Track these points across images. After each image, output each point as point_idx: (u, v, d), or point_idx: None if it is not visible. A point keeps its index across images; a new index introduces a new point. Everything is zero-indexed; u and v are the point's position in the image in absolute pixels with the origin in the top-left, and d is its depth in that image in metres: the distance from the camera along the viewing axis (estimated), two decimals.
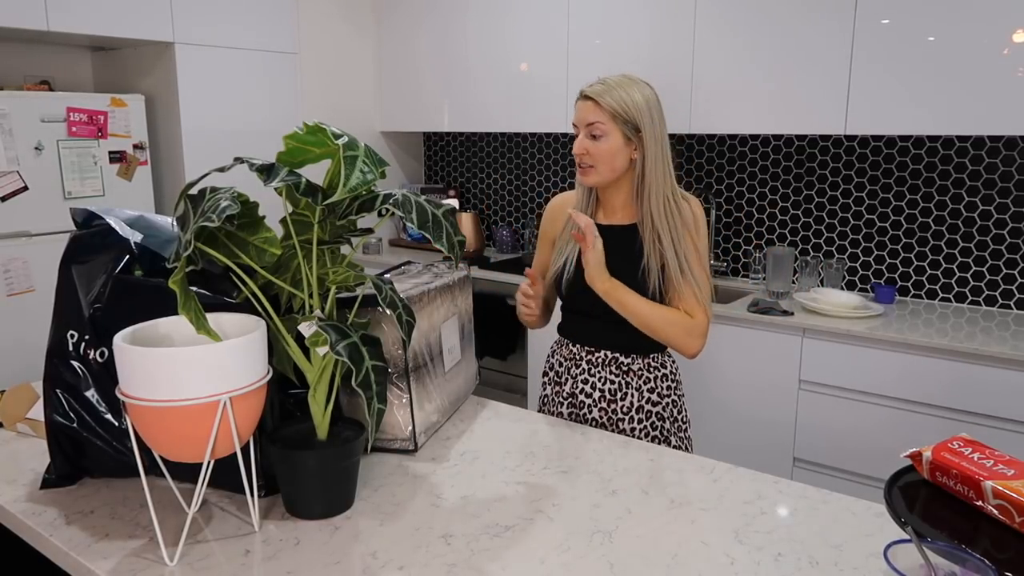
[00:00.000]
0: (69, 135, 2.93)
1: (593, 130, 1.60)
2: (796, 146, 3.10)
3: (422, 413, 1.48)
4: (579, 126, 1.63)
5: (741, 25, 2.84)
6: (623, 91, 1.60)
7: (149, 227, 1.34)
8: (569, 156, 3.81)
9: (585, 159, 1.63)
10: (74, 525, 1.18)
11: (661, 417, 1.72)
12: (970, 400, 2.34)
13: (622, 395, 1.71)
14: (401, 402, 1.44)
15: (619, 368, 1.71)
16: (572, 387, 1.76)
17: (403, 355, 1.43)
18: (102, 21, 2.97)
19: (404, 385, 1.44)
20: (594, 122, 1.60)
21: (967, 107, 2.43)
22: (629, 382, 1.71)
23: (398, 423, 1.45)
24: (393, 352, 1.43)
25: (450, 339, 1.65)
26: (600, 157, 1.61)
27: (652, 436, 1.71)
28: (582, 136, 1.63)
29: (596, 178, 1.65)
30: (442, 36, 3.78)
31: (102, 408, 1.26)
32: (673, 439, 1.73)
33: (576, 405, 1.75)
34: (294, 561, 1.08)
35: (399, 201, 1.16)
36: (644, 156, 1.62)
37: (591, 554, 1.11)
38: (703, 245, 1.67)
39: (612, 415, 1.71)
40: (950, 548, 0.86)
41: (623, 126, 1.60)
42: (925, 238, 2.87)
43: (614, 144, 1.60)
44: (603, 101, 1.59)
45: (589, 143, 1.62)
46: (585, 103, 1.62)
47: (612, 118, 1.59)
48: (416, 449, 1.46)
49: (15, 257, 2.83)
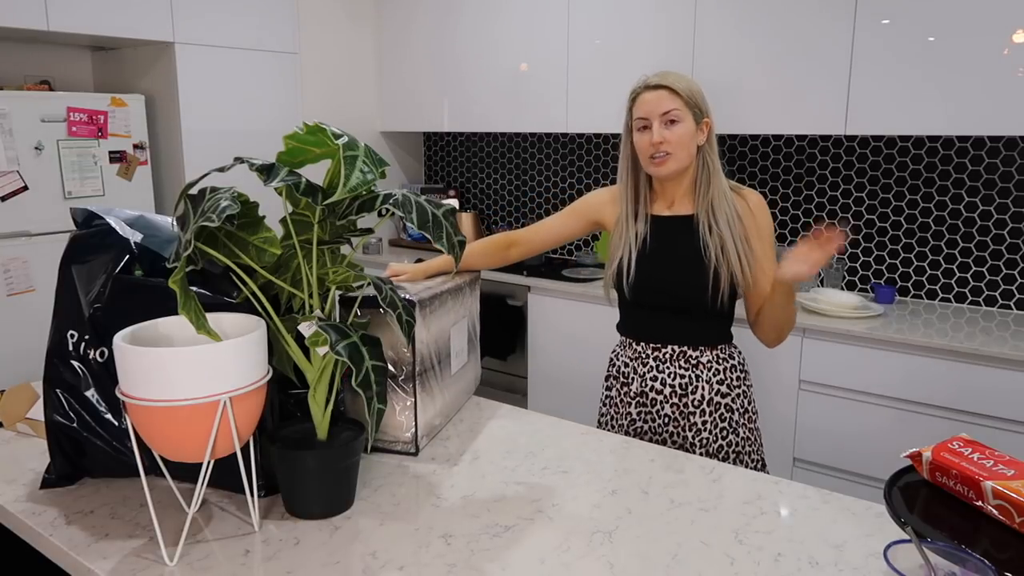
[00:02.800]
0: (69, 135, 2.93)
1: (670, 116, 1.62)
2: (796, 146, 3.10)
3: (425, 417, 1.48)
4: (650, 118, 1.64)
5: (741, 25, 2.84)
6: (686, 79, 1.66)
7: (149, 227, 1.34)
8: (569, 156, 3.81)
9: (663, 147, 1.64)
10: (74, 525, 1.18)
11: (730, 409, 1.72)
12: (970, 400, 2.34)
13: (692, 388, 1.71)
14: (405, 405, 1.44)
15: (688, 362, 1.71)
16: (640, 385, 1.76)
17: (411, 358, 1.43)
18: (102, 21, 2.97)
19: (410, 388, 1.44)
20: (671, 109, 1.62)
21: (967, 107, 2.43)
22: (699, 375, 1.71)
23: (400, 425, 1.45)
24: (401, 355, 1.43)
25: (458, 342, 1.64)
26: (678, 143, 1.63)
27: (721, 427, 1.71)
28: (656, 126, 1.63)
29: (675, 165, 1.66)
30: (442, 36, 3.78)
31: (102, 408, 1.26)
32: (742, 430, 1.73)
33: (646, 403, 1.75)
34: (294, 561, 1.08)
35: (399, 201, 1.16)
36: (709, 142, 1.67)
37: (591, 554, 1.11)
38: (767, 231, 1.69)
39: (683, 408, 1.71)
40: (950, 548, 0.86)
41: (694, 110, 1.64)
42: (925, 238, 2.87)
43: (689, 128, 1.64)
44: (677, 87, 1.63)
45: (666, 131, 1.63)
46: (656, 92, 1.64)
47: (686, 103, 1.63)
48: (417, 452, 1.46)
49: (15, 257, 2.83)
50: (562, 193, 3.87)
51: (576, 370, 3.19)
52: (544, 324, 3.27)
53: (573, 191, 3.83)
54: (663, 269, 1.68)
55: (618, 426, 1.81)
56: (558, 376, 3.26)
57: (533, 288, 3.28)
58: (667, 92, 1.63)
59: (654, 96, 1.64)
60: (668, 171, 1.65)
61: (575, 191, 3.82)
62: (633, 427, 1.78)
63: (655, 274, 1.69)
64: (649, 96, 1.64)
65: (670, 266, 1.67)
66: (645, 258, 1.70)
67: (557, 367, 3.26)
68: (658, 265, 1.69)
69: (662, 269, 1.68)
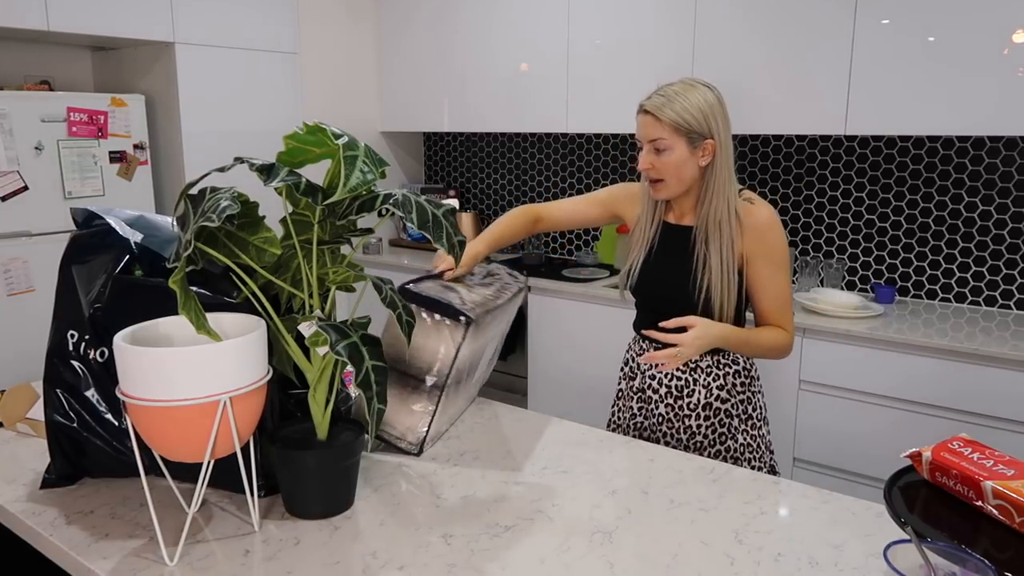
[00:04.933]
0: (69, 135, 2.93)
1: (657, 145, 1.58)
2: (796, 146, 3.10)
3: (439, 422, 1.48)
4: (641, 140, 1.61)
5: (741, 25, 2.84)
6: (683, 100, 1.56)
7: (149, 227, 1.34)
8: (570, 156, 3.81)
9: (652, 173, 1.61)
10: (74, 525, 1.18)
11: (730, 414, 1.70)
12: (970, 400, 2.34)
13: (689, 391, 1.70)
14: (425, 409, 1.43)
15: (687, 364, 1.70)
16: (641, 382, 1.76)
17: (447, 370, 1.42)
18: (102, 21, 2.97)
19: (435, 397, 1.43)
20: (656, 138, 1.57)
21: (967, 107, 2.43)
22: (696, 378, 1.70)
23: (412, 427, 1.44)
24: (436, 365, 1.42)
25: (490, 351, 1.62)
26: (666, 171, 1.59)
27: (720, 433, 1.70)
28: (646, 151, 1.60)
29: (666, 192, 1.63)
30: (442, 36, 3.78)
31: (102, 408, 1.26)
32: (741, 436, 1.71)
33: (645, 400, 1.76)
34: (294, 561, 1.08)
35: (399, 201, 1.16)
36: (714, 162, 1.59)
37: (591, 554, 1.11)
38: (775, 250, 1.62)
39: (679, 411, 1.71)
40: (950, 548, 0.86)
41: (686, 136, 1.57)
42: (925, 238, 2.87)
43: (679, 156, 1.58)
44: (662, 115, 1.56)
45: (654, 158, 1.59)
46: (645, 118, 1.59)
47: (675, 131, 1.56)
48: (420, 453, 1.46)
49: (15, 257, 2.83)
50: (562, 193, 3.87)
51: (576, 370, 3.19)
52: (544, 324, 3.27)
53: (573, 191, 3.83)
54: (660, 276, 1.68)
55: (622, 419, 1.82)
56: (558, 376, 3.26)
57: (533, 288, 3.27)
58: (652, 119, 1.57)
59: (643, 121, 1.60)
60: (662, 196, 1.64)
61: (575, 191, 3.82)
62: (634, 421, 1.78)
63: (652, 280, 1.69)
64: (641, 119, 1.61)
65: (665, 275, 1.67)
66: (649, 264, 1.70)
67: (557, 367, 3.26)
68: (657, 272, 1.69)
69: (659, 276, 1.69)
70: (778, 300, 1.64)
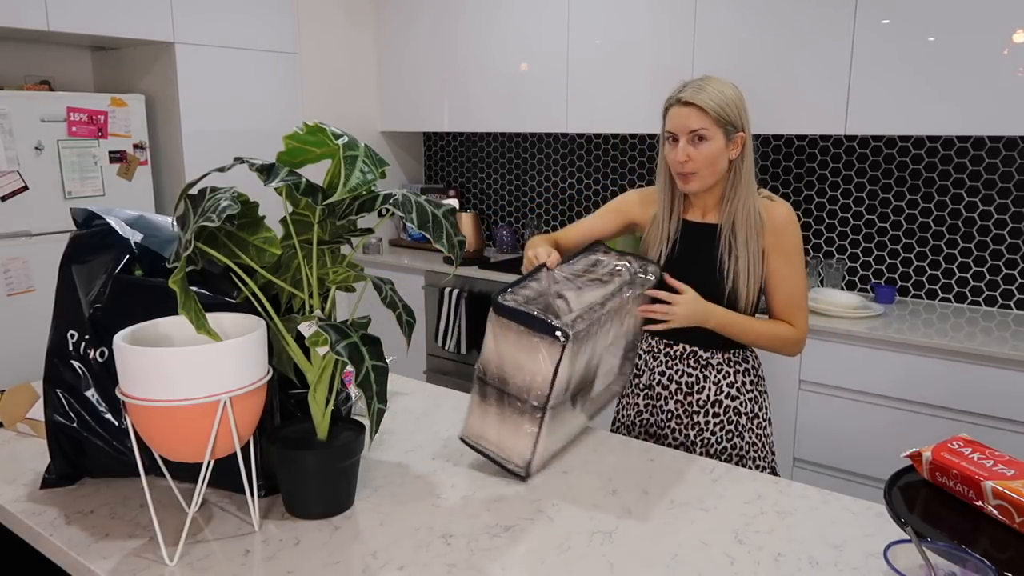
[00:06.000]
0: (69, 135, 2.93)
1: (699, 134, 1.58)
2: (796, 146, 3.10)
3: (543, 444, 1.36)
4: (678, 133, 1.60)
5: (741, 25, 2.84)
6: (720, 93, 1.58)
7: (149, 227, 1.34)
8: (569, 156, 3.81)
9: (688, 166, 1.60)
10: (74, 525, 1.18)
11: (738, 412, 1.71)
12: (970, 400, 2.34)
13: (699, 388, 1.71)
14: (529, 432, 1.33)
15: (697, 361, 1.71)
16: (649, 379, 1.76)
17: (546, 393, 1.29)
18: (102, 21, 2.97)
19: (537, 418, 1.32)
20: (698, 128, 1.57)
21: (967, 107, 2.43)
22: (707, 376, 1.70)
23: (518, 451, 1.35)
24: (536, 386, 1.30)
25: (608, 362, 1.51)
26: (703, 162, 1.59)
27: (727, 430, 1.71)
28: (683, 143, 1.60)
29: (698, 184, 1.63)
30: (442, 36, 3.78)
31: (102, 408, 1.26)
32: (747, 435, 1.72)
33: (652, 396, 1.76)
34: (294, 561, 1.08)
35: (399, 201, 1.16)
36: (742, 155, 1.61)
37: (591, 554, 1.11)
38: (791, 247, 1.64)
39: (688, 407, 1.71)
40: (950, 548, 0.86)
41: (724, 128, 1.58)
42: (925, 238, 2.87)
43: (717, 147, 1.59)
44: (707, 105, 1.56)
45: (691, 150, 1.59)
46: (685, 109, 1.58)
47: (715, 121, 1.57)
48: (527, 477, 1.37)
49: (15, 257, 2.83)
50: (562, 193, 3.87)
51: None
52: None
53: (573, 191, 3.83)
54: (686, 274, 1.67)
55: (626, 416, 1.82)
56: None
57: None
58: (696, 110, 1.57)
59: (683, 112, 1.59)
60: (692, 188, 1.64)
61: (575, 191, 3.82)
62: (639, 418, 1.79)
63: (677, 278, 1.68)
64: (679, 111, 1.60)
65: (688, 272, 1.67)
66: (672, 261, 1.69)
67: None
68: (679, 269, 1.68)
69: (685, 274, 1.68)
70: (791, 297, 1.65)
